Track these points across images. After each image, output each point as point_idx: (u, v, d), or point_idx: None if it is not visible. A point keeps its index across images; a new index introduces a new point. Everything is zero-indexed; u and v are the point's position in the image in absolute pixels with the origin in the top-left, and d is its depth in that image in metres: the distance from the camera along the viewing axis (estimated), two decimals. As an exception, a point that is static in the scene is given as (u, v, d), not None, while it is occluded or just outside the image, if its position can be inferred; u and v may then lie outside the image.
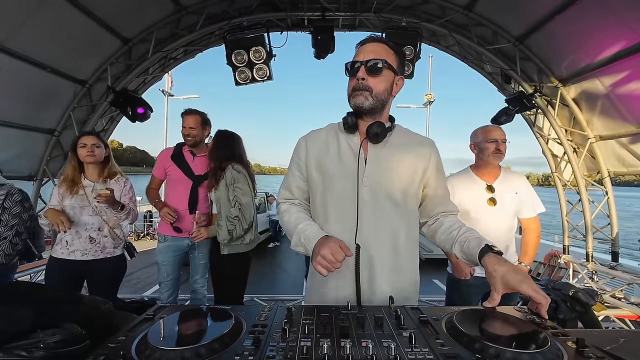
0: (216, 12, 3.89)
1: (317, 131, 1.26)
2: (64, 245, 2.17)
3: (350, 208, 1.11)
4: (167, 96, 15.62)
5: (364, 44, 1.13)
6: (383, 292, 1.10)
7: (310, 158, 1.20)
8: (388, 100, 1.15)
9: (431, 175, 1.19)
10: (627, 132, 3.51)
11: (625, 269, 3.81)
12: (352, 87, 1.13)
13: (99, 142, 2.26)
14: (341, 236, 1.07)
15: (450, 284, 2.25)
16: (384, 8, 3.88)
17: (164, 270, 2.62)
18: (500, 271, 0.90)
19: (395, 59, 1.14)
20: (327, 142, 1.20)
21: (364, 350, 0.66)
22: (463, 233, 1.10)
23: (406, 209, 1.15)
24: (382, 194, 1.12)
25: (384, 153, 1.15)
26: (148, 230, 12.06)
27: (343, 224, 1.12)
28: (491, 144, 2.06)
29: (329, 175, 1.15)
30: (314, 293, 1.19)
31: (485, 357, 0.65)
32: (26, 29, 2.83)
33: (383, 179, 1.13)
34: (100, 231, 2.23)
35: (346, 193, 1.11)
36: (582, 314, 2.13)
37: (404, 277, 1.15)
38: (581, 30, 3.18)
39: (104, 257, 2.23)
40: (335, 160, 1.16)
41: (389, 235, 1.12)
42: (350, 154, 1.15)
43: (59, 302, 0.83)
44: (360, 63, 1.10)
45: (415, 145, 1.19)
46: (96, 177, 2.28)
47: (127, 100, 3.81)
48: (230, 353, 0.66)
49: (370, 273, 1.10)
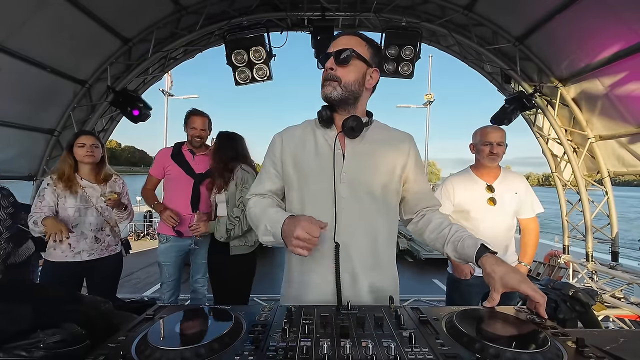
0: (216, 12, 3.89)
1: (293, 127, 1.23)
2: (66, 249, 2.13)
3: (328, 205, 1.07)
4: (166, 96, 15.63)
5: (336, 38, 1.12)
6: (364, 290, 1.08)
7: (286, 155, 1.16)
8: (361, 93, 1.12)
9: (410, 170, 1.17)
10: (626, 132, 3.51)
11: (625, 268, 3.81)
12: (322, 78, 1.12)
13: (98, 143, 2.25)
14: (320, 236, 1.05)
15: (451, 283, 2.25)
16: (384, 8, 3.88)
17: (166, 271, 2.62)
18: (499, 271, 0.90)
19: (368, 51, 1.11)
20: (303, 138, 1.16)
21: (363, 350, 0.66)
22: (455, 232, 1.07)
23: (386, 205, 1.13)
24: (361, 190, 1.09)
25: (362, 148, 1.12)
26: (148, 230, 12.06)
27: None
28: (486, 146, 2.07)
29: (306, 172, 1.12)
30: (292, 293, 1.14)
31: (485, 357, 0.65)
32: (26, 28, 2.83)
33: (362, 174, 1.10)
34: (102, 230, 2.26)
35: (323, 190, 1.08)
36: (582, 313, 2.13)
37: (384, 275, 1.13)
38: (581, 30, 3.18)
39: (107, 254, 2.27)
40: (312, 157, 1.12)
41: (368, 232, 1.09)
42: (327, 149, 1.11)
43: (58, 302, 0.83)
44: (330, 54, 1.09)
45: (394, 141, 1.17)
46: (92, 177, 2.26)
47: (127, 100, 3.81)
48: (230, 353, 0.66)
49: (351, 272, 1.07)
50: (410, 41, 3.76)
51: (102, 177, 2.29)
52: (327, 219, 1.05)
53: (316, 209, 1.08)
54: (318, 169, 1.10)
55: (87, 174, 2.25)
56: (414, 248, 9.14)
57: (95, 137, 2.27)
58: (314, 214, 1.06)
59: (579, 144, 4.12)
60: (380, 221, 1.12)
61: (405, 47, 3.77)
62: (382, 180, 1.12)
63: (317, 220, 0.97)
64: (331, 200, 1.07)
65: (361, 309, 0.87)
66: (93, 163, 2.24)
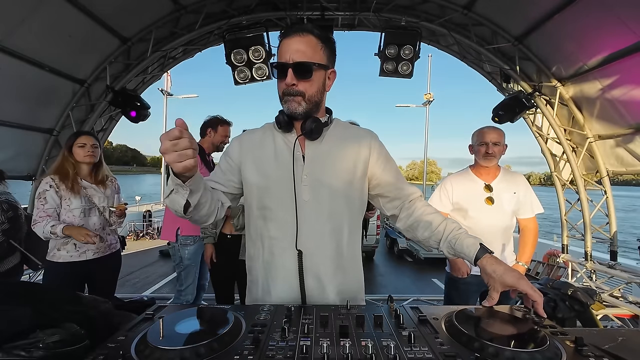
0: (215, 11, 3.89)
1: (252, 131, 1.18)
2: (71, 249, 2.15)
3: (290, 210, 1.04)
4: (166, 95, 15.61)
5: (288, 37, 1.02)
6: (329, 295, 1.05)
7: (246, 160, 1.10)
8: (323, 98, 1.10)
9: (375, 164, 1.13)
10: (625, 131, 3.52)
11: (623, 267, 3.82)
12: (282, 90, 1.04)
13: (97, 143, 2.27)
14: (282, 242, 1.03)
15: (449, 282, 2.26)
16: (384, 7, 3.88)
17: (195, 273, 2.67)
18: (499, 271, 0.91)
19: (324, 52, 1.05)
20: (262, 142, 1.12)
21: (363, 350, 0.66)
22: (451, 230, 1.05)
23: (349, 205, 1.09)
24: (324, 192, 1.05)
25: (322, 149, 1.09)
26: (147, 230, 12.04)
27: (284, 229, 1.04)
28: (482, 146, 2.08)
29: (266, 176, 1.07)
30: (258, 298, 1.10)
31: (485, 356, 0.65)
32: (25, 28, 2.82)
33: (323, 176, 1.06)
34: (104, 230, 2.31)
35: (284, 195, 1.04)
36: (580, 312, 2.14)
37: (349, 277, 1.11)
38: (580, 30, 3.18)
39: (110, 252, 2.34)
40: (272, 161, 1.08)
41: (332, 235, 1.06)
42: (287, 153, 1.07)
43: (58, 302, 0.83)
44: (288, 65, 1.00)
45: (354, 138, 1.13)
46: (90, 177, 2.27)
47: (126, 100, 3.80)
48: (229, 353, 0.66)
49: (315, 278, 1.04)
50: (409, 41, 3.76)
51: (100, 177, 2.29)
52: (288, 224, 1.03)
53: (277, 215, 1.05)
54: (278, 173, 1.06)
55: (85, 174, 2.25)
56: (414, 247, 9.14)
57: (94, 137, 2.28)
58: (275, 220, 1.05)
59: (578, 144, 4.13)
60: (343, 222, 1.08)
61: (404, 46, 3.76)
62: (344, 178, 1.08)
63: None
64: (292, 205, 1.03)
65: (360, 309, 0.88)
66: (92, 163, 2.25)
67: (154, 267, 8.08)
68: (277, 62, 1.04)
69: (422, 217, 1.11)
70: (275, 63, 1.05)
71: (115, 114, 4.32)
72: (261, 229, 1.08)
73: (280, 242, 1.05)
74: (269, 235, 1.07)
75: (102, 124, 4.32)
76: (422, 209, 1.12)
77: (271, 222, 1.07)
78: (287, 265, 1.05)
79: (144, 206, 13.42)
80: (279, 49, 1.05)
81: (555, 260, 4.90)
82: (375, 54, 3.87)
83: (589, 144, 3.93)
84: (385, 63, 3.85)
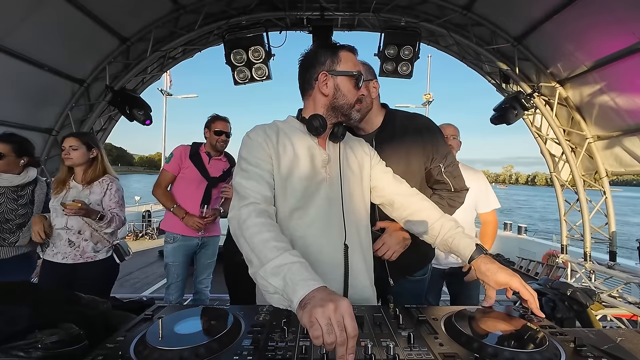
0: (215, 11, 3.88)
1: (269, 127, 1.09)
2: (50, 247, 2.10)
3: (335, 210, 1.06)
4: (165, 95, 15.60)
5: (353, 53, 1.11)
6: (366, 290, 1.10)
7: (280, 160, 1.03)
8: None
9: (374, 167, 1.21)
10: (624, 132, 3.52)
11: (622, 268, 3.83)
12: (356, 98, 1.10)
13: (79, 144, 2.11)
14: (329, 243, 1.04)
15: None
16: (383, 8, 3.88)
17: (174, 271, 2.59)
18: (492, 270, 0.93)
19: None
20: (284, 142, 1.06)
21: (362, 350, 0.66)
22: (448, 229, 1.08)
23: (365, 205, 1.18)
24: (355, 193, 1.14)
25: (343, 152, 1.15)
26: (146, 230, 12.01)
27: (330, 230, 1.05)
28: None
29: (305, 178, 1.04)
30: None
31: (484, 356, 0.65)
32: (24, 27, 2.82)
33: (351, 178, 1.13)
34: (80, 234, 2.07)
35: (329, 196, 1.06)
36: (579, 313, 2.14)
37: (372, 274, 1.17)
38: (579, 30, 3.19)
39: (83, 261, 2.06)
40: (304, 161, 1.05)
41: (363, 233, 1.14)
42: (317, 152, 1.08)
43: (56, 302, 0.83)
44: (363, 80, 1.10)
45: (357, 142, 1.24)
46: (81, 178, 2.17)
47: (125, 100, 3.80)
48: (229, 353, 0.66)
49: (353, 274, 1.07)
50: (409, 41, 3.76)
51: (89, 178, 2.16)
52: (335, 222, 1.06)
53: (323, 216, 1.04)
54: (313, 174, 1.05)
55: (78, 175, 2.18)
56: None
57: (77, 139, 2.15)
58: (322, 222, 1.04)
59: (577, 144, 4.13)
60: (366, 222, 1.18)
61: (404, 47, 3.77)
62: (363, 181, 1.17)
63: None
64: (338, 205, 1.07)
65: (360, 309, 0.87)
66: (74, 165, 2.13)
67: (153, 267, 8.06)
68: (361, 75, 1.09)
69: (419, 212, 1.15)
70: (358, 73, 1.08)
71: (114, 113, 4.32)
72: (305, 235, 1.03)
73: (328, 244, 1.05)
74: (314, 240, 1.03)
75: (102, 124, 4.31)
76: (419, 203, 1.16)
77: (318, 225, 1.04)
78: (332, 262, 1.05)
79: (143, 206, 13.38)
80: (348, 59, 1.08)
81: (555, 260, 4.91)
82: (375, 55, 3.88)
83: (588, 145, 3.94)
84: (385, 63, 3.85)
